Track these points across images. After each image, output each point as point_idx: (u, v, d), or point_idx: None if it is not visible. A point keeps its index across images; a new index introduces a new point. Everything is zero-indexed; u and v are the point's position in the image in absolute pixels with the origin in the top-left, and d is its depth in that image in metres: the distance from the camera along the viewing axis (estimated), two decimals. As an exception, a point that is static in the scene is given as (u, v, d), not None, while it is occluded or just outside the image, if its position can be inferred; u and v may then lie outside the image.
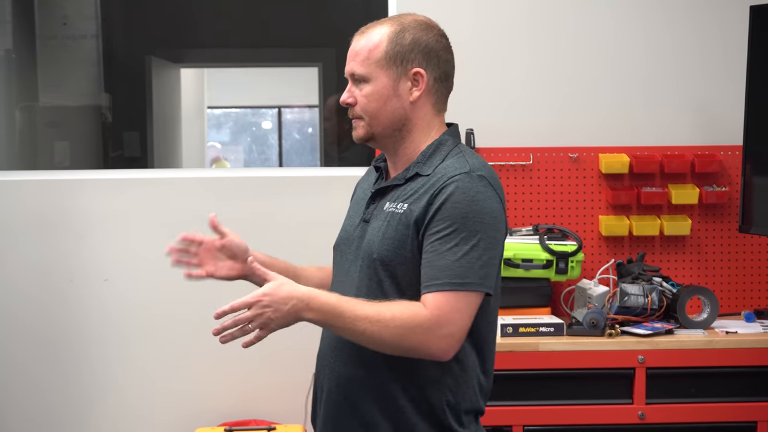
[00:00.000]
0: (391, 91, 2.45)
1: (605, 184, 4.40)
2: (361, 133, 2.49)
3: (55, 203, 4.43)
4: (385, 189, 2.50)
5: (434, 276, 2.28)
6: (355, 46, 2.48)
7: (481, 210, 2.32)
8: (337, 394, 2.48)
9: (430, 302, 2.27)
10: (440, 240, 2.30)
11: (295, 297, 2.25)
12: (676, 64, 4.46)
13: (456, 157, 2.43)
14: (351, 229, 2.56)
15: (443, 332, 2.27)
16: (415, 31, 2.46)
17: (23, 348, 4.42)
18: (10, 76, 5.52)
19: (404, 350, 2.30)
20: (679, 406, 3.90)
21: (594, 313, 3.91)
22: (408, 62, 2.44)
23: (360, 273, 2.44)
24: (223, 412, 4.42)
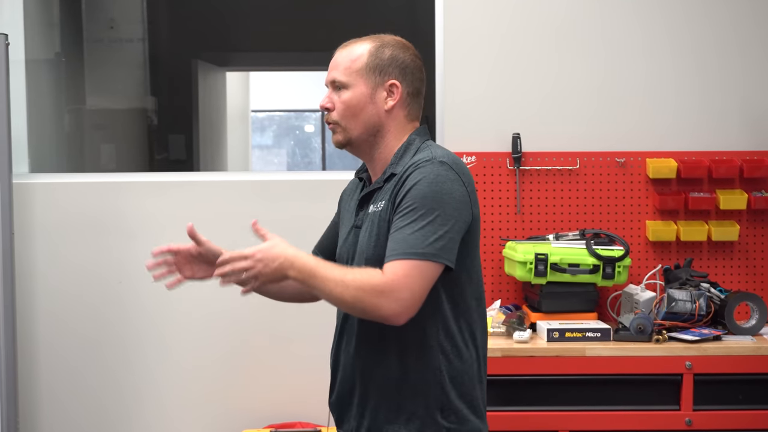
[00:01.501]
0: (369, 98, 2.62)
1: (652, 189, 4.37)
2: (340, 138, 2.67)
3: (102, 206, 4.46)
4: (369, 194, 2.67)
5: (392, 248, 2.45)
6: (338, 57, 2.66)
7: (440, 190, 2.48)
8: (348, 384, 2.68)
9: (386, 269, 2.44)
10: (401, 217, 2.48)
11: (282, 256, 2.46)
12: (725, 69, 4.42)
13: (424, 151, 2.60)
14: (345, 238, 2.73)
15: (395, 296, 2.42)
16: (394, 49, 2.65)
17: (72, 348, 4.46)
18: (59, 79, 5.58)
19: (361, 311, 2.47)
20: (727, 413, 3.86)
21: (641, 318, 3.88)
22: (385, 74, 2.63)
23: None
24: (269, 414, 4.43)
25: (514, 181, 4.36)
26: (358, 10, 7.13)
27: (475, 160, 4.36)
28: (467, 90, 4.40)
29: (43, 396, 4.47)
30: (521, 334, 3.91)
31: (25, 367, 4.43)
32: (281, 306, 4.43)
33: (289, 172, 10.67)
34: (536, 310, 4.13)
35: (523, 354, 3.82)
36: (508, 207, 4.37)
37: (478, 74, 4.40)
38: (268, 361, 4.47)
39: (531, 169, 4.36)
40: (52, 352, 4.46)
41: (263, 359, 4.47)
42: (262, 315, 4.46)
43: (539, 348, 3.84)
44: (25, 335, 4.42)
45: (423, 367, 2.55)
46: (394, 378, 2.57)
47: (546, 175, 4.34)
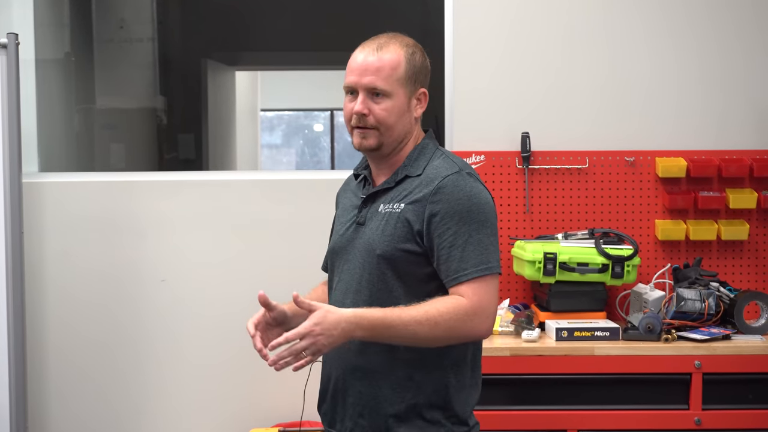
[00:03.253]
0: (406, 107, 2.64)
1: (662, 188, 4.37)
2: (372, 142, 2.64)
3: (111, 205, 4.47)
4: (376, 194, 2.68)
5: (459, 268, 2.49)
6: (373, 62, 2.61)
7: (479, 203, 2.54)
8: (344, 382, 2.65)
9: (467, 291, 2.48)
10: (453, 235, 2.51)
11: (343, 320, 2.40)
12: (734, 67, 4.42)
13: (441, 158, 2.64)
14: (345, 233, 2.72)
15: (485, 314, 2.49)
16: (419, 54, 2.68)
17: (83, 347, 4.47)
18: (69, 79, 5.59)
19: (455, 339, 2.50)
20: (736, 413, 3.85)
21: (650, 317, 3.88)
22: (418, 82, 2.66)
23: (361, 270, 2.61)
24: (277, 414, 4.44)
25: (523, 180, 4.36)
26: (369, 9, 7.13)
27: (485, 159, 4.36)
28: (476, 90, 4.40)
29: (52, 396, 4.48)
30: (530, 333, 3.90)
31: (34, 365, 4.44)
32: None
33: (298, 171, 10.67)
34: (545, 309, 4.13)
35: (532, 353, 3.82)
36: (517, 206, 4.37)
37: (487, 74, 4.40)
38: (278, 360, 4.48)
39: (540, 168, 4.36)
40: (61, 350, 4.47)
41: (272, 358, 4.48)
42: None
43: (548, 347, 3.84)
44: (35, 334, 4.43)
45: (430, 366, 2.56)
46: (400, 378, 2.57)
47: (555, 174, 4.34)
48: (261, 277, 4.45)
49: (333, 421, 2.72)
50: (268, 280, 4.45)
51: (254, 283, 4.46)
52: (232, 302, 4.46)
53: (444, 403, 2.58)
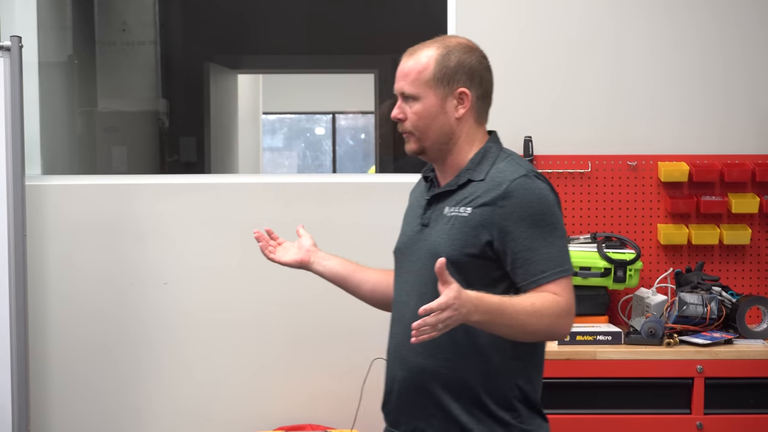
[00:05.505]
0: (439, 108, 2.64)
1: (664, 192, 4.37)
2: (413, 147, 2.69)
3: (114, 207, 4.47)
4: (439, 195, 2.68)
5: (538, 270, 2.51)
6: (404, 67, 2.66)
7: (549, 205, 2.56)
8: (410, 383, 2.65)
9: (556, 290, 2.51)
10: (529, 239, 2.52)
11: (469, 300, 2.36)
12: (737, 72, 4.42)
13: (505, 161, 2.65)
14: (411, 234, 2.74)
15: (572, 314, 2.54)
16: (460, 54, 2.66)
17: (84, 350, 4.47)
18: (72, 82, 5.60)
19: (548, 335, 2.56)
20: (738, 417, 3.85)
21: (652, 322, 3.88)
22: (454, 82, 2.64)
23: (426, 272, 2.56)
24: (279, 416, 4.44)
25: (525, 184, 4.36)
26: (371, 14, 7.14)
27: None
28: (479, 93, 4.40)
29: (54, 399, 4.48)
30: (532, 337, 3.90)
31: (37, 368, 4.44)
32: (293, 309, 4.46)
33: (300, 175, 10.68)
34: (547, 313, 4.13)
35: (534, 357, 3.82)
36: (519, 210, 4.37)
37: (489, 77, 4.39)
38: (280, 364, 4.48)
39: (542, 172, 4.35)
40: (63, 353, 4.47)
41: (274, 362, 4.48)
42: (274, 319, 4.47)
43: (550, 351, 3.81)
44: (37, 336, 4.43)
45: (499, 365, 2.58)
46: (468, 378, 2.59)
47: (557, 179, 4.34)
48: (263, 280, 4.45)
49: (397, 421, 2.73)
50: (270, 283, 4.45)
51: (256, 286, 4.46)
52: (233, 305, 4.46)
53: (513, 403, 2.59)
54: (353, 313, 4.44)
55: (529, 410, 2.62)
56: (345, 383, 4.45)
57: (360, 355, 4.47)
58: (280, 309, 4.47)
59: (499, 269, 2.57)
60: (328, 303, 4.44)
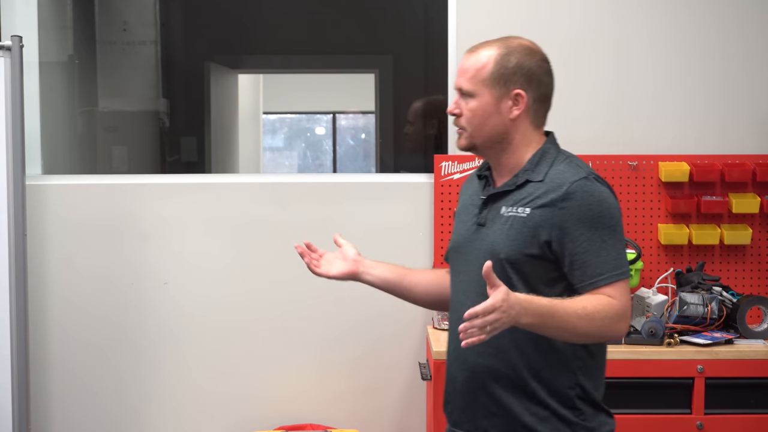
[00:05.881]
0: (493, 108, 2.66)
1: (665, 192, 4.37)
2: (463, 143, 2.74)
3: (114, 207, 4.47)
4: (496, 195, 2.70)
5: (595, 273, 2.54)
6: (464, 64, 2.70)
7: (609, 208, 2.59)
8: (472, 384, 2.69)
9: (612, 293, 2.53)
10: (587, 241, 2.55)
11: (517, 302, 2.39)
12: (738, 72, 4.42)
13: (564, 163, 2.66)
14: (466, 233, 2.76)
15: (627, 317, 2.56)
16: (520, 55, 2.67)
17: (84, 351, 4.47)
18: (72, 81, 5.59)
19: (601, 337, 2.56)
20: (739, 417, 3.85)
21: (652, 321, 3.88)
22: (510, 84, 2.65)
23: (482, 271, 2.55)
24: (279, 416, 4.44)
25: (525, 184, 4.36)
26: (372, 14, 7.13)
27: (487, 163, 4.35)
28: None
29: (54, 399, 4.48)
30: (533, 337, 3.90)
31: (37, 368, 4.44)
32: (293, 309, 4.46)
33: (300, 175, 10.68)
34: (548, 313, 4.12)
35: (535, 357, 3.81)
36: (519, 210, 4.36)
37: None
38: (280, 364, 4.48)
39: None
40: (64, 354, 4.47)
41: (273, 361, 4.48)
42: (273, 317, 4.47)
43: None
44: (37, 336, 4.43)
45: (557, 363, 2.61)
46: (530, 378, 2.61)
47: (558, 178, 4.33)
48: (263, 280, 4.45)
49: (459, 421, 2.75)
50: (270, 282, 4.46)
51: (256, 286, 4.46)
52: (234, 305, 4.46)
53: (575, 401, 2.62)
54: (354, 314, 4.46)
55: (593, 408, 2.65)
56: (346, 383, 4.46)
57: (361, 355, 4.47)
58: (280, 308, 4.47)
59: (556, 270, 2.60)
60: (328, 304, 4.45)
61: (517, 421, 2.63)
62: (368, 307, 4.42)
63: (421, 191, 4.43)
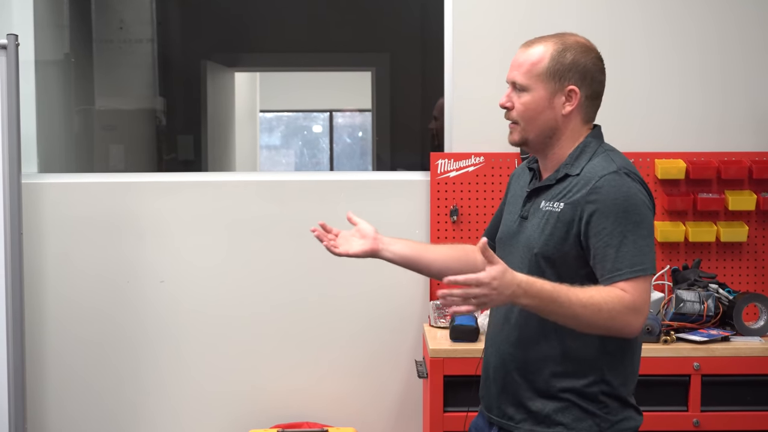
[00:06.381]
0: (547, 103, 2.69)
1: (661, 189, 4.37)
2: (516, 137, 2.74)
3: (111, 206, 4.47)
4: (539, 189, 2.74)
5: (614, 267, 2.53)
6: (519, 58, 2.72)
7: (636, 203, 2.57)
8: (502, 371, 2.73)
9: (626, 287, 2.52)
10: (609, 235, 2.55)
11: (515, 283, 2.42)
12: (734, 70, 4.42)
13: (601, 156, 2.69)
14: (512, 225, 2.81)
15: (642, 312, 2.53)
16: (576, 52, 2.71)
17: (81, 347, 4.47)
18: (68, 80, 5.59)
19: (609, 330, 2.54)
20: (735, 414, 3.86)
21: (649, 319, 3.88)
22: (565, 80, 2.69)
23: (521, 264, 2.67)
24: (276, 414, 4.44)
25: (522, 182, 4.36)
26: (369, 12, 7.13)
27: (484, 161, 4.36)
28: (475, 92, 4.41)
29: (51, 397, 4.48)
30: (529, 334, 3.90)
31: (34, 366, 4.44)
32: (290, 307, 4.46)
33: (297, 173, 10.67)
34: (544, 310, 4.13)
35: (531, 354, 3.81)
36: (516, 208, 4.37)
37: (486, 76, 4.40)
38: (277, 361, 4.48)
39: (539, 170, 4.36)
40: (60, 351, 4.47)
41: (270, 359, 4.48)
42: (270, 316, 4.47)
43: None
44: (34, 335, 4.44)
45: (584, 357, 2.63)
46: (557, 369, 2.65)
47: (554, 176, 4.34)
48: (260, 277, 4.46)
49: (490, 406, 2.79)
50: (267, 280, 4.46)
51: (253, 284, 4.47)
52: (231, 303, 4.46)
53: (599, 396, 2.64)
54: (350, 312, 4.46)
55: (619, 403, 2.66)
56: (342, 381, 4.46)
57: (357, 353, 4.48)
58: (276, 306, 4.47)
59: (588, 265, 2.62)
60: (325, 302, 4.45)
61: (540, 411, 2.67)
62: (365, 306, 4.42)
63: (418, 189, 4.43)
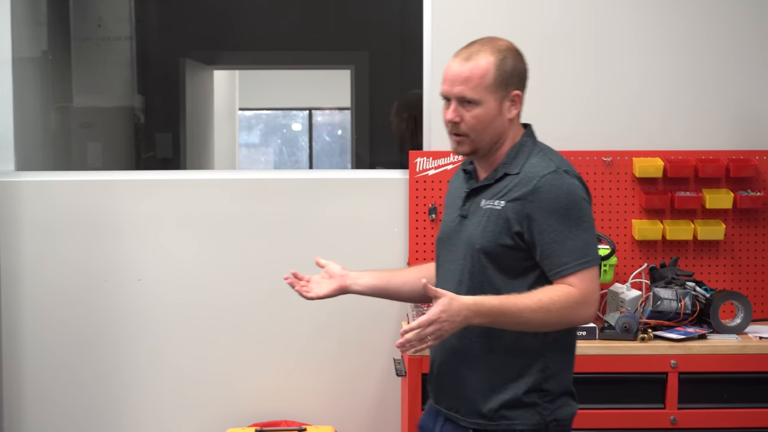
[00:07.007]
0: (497, 112, 2.78)
1: (639, 188, 4.39)
2: (466, 148, 2.82)
3: (89, 204, 4.45)
4: (478, 189, 2.84)
5: (562, 262, 2.67)
6: (462, 71, 2.76)
7: (576, 199, 2.71)
8: (447, 364, 2.84)
9: (574, 281, 2.66)
10: (554, 232, 2.68)
11: (464, 308, 2.58)
12: (712, 68, 4.44)
13: (539, 156, 2.79)
14: (451, 224, 2.90)
15: (591, 302, 2.68)
16: (512, 57, 2.80)
17: (58, 347, 4.45)
18: (46, 77, 5.56)
19: (564, 325, 2.70)
20: (712, 412, 3.87)
21: (627, 317, 3.89)
22: (510, 86, 2.79)
23: (463, 261, 2.79)
24: (254, 413, 4.44)
25: (500, 180, 4.36)
26: (348, 10, 7.13)
27: (462, 159, 4.36)
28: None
29: (27, 399, 4.45)
30: (507, 332, 3.91)
31: (11, 367, 4.42)
32: (269, 306, 4.45)
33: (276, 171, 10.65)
34: (522, 308, 4.13)
35: (510, 352, 3.82)
36: (494, 206, 4.37)
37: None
38: (254, 360, 4.47)
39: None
40: (38, 352, 4.45)
41: (248, 358, 4.47)
42: (248, 315, 4.46)
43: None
44: (10, 333, 4.42)
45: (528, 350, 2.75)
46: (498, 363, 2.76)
47: (532, 174, 4.34)
48: (239, 276, 4.45)
49: (438, 398, 2.91)
50: (246, 279, 4.45)
51: (232, 282, 4.46)
52: (209, 301, 4.45)
53: (541, 385, 2.75)
54: (329, 311, 4.46)
55: (559, 390, 2.79)
56: (321, 380, 4.46)
57: (337, 351, 4.47)
58: (256, 304, 4.47)
59: (529, 259, 2.73)
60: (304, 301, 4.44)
61: (485, 401, 2.76)
62: (343, 304, 4.40)
63: (397, 187, 4.43)
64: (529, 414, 2.75)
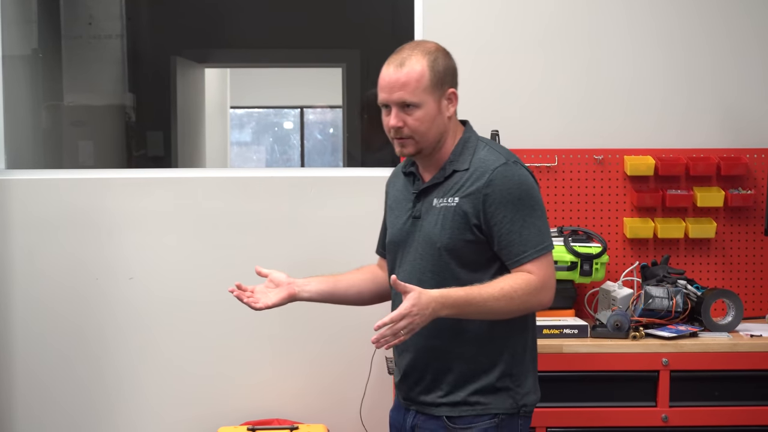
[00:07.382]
0: (436, 111, 2.87)
1: (630, 186, 4.39)
2: (411, 150, 2.89)
3: (80, 202, 4.45)
4: (427, 189, 2.92)
5: (520, 251, 2.79)
6: (400, 77, 2.85)
7: (527, 189, 2.82)
8: (416, 362, 2.93)
9: (532, 269, 2.79)
10: (510, 222, 2.79)
11: (432, 301, 2.66)
12: (703, 67, 4.44)
13: (486, 150, 2.89)
14: (402, 226, 2.97)
15: (549, 287, 2.83)
16: (442, 57, 2.90)
17: (49, 345, 4.44)
18: (37, 75, 5.55)
19: (526, 311, 2.83)
20: (703, 410, 3.88)
21: (618, 315, 3.89)
22: (445, 84, 2.89)
23: (423, 261, 2.89)
24: (246, 412, 4.43)
25: (492, 179, 4.36)
26: (339, 8, 7.12)
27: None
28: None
29: (18, 397, 4.45)
30: (499, 330, 3.91)
31: (2, 366, 4.41)
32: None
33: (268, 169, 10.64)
34: (514, 306, 4.13)
35: (501, 351, 3.82)
36: (486, 204, 4.37)
37: (456, 71, 4.39)
38: (245, 358, 4.47)
39: (509, 167, 4.36)
40: (30, 351, 4.44)
41: (240, 357, 4.47)
42: (240, 313, 4.45)
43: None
44: (2, 335, 4.41)
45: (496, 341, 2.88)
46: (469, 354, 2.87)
47: (524, 173, 4.34)
48: (230, 273, 4.42)
49: (408, 397, 3.00)
50: (238, 277, 4.42)
51: (223, 280, 4.43)
52: (200, 300, 4.44)
53: (510, 371, 2.89)
54: (320, 308, 4.45)
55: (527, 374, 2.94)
56: (312, 378, 4.45)
57: (329, 350, 4.47)
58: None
59: (490, 251, 2.84)
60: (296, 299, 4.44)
61: (456, 394, 2.88)
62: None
63: (388, 185, 4.42)
64: (503, 398, 2.88)
